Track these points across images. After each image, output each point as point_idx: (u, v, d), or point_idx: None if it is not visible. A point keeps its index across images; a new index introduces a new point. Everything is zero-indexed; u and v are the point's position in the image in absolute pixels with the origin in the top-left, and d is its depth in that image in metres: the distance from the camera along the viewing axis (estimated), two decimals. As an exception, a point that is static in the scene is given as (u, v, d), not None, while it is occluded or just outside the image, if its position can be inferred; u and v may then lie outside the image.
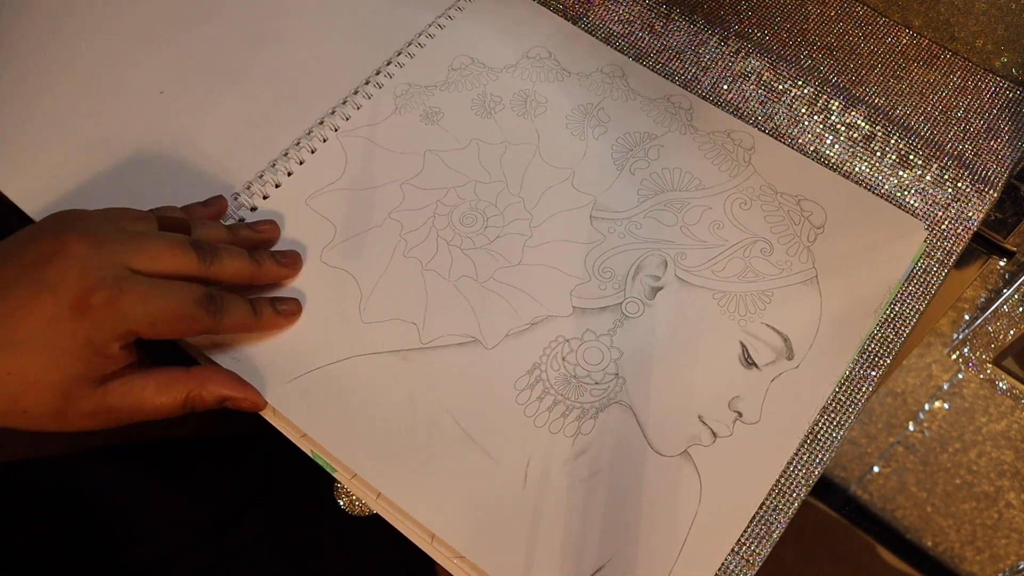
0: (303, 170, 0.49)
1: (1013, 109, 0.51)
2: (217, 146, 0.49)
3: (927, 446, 0.78)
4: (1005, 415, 0.70)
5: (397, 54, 0.53)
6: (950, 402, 0.73)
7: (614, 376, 0.43)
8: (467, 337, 0.44)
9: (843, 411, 0.43)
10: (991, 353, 0.61)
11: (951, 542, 0.83)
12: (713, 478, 0.41)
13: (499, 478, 0.41)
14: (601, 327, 0.45)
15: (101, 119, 0.49)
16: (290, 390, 0.42)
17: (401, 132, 0.50)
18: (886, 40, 0.53)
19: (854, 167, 0.50)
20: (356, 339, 0.44)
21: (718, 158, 0.50)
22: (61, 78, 0.51)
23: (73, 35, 0.52)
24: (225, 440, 0.59)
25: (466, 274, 0.46)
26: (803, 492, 0.42)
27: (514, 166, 0.49)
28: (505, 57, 0.54)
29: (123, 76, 0.51)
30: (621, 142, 0.51)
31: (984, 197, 0.49)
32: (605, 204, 0.48)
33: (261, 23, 0.54)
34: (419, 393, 0.43)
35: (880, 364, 0.45)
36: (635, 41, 0.54)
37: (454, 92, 0.52)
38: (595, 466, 0.41)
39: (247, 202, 0.47)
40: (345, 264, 0.46)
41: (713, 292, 0.46)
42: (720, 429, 0.42)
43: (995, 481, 0.76)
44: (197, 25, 0.53)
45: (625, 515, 0.40)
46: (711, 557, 0.40)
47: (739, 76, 0.53)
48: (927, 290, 0.47)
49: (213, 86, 0.51)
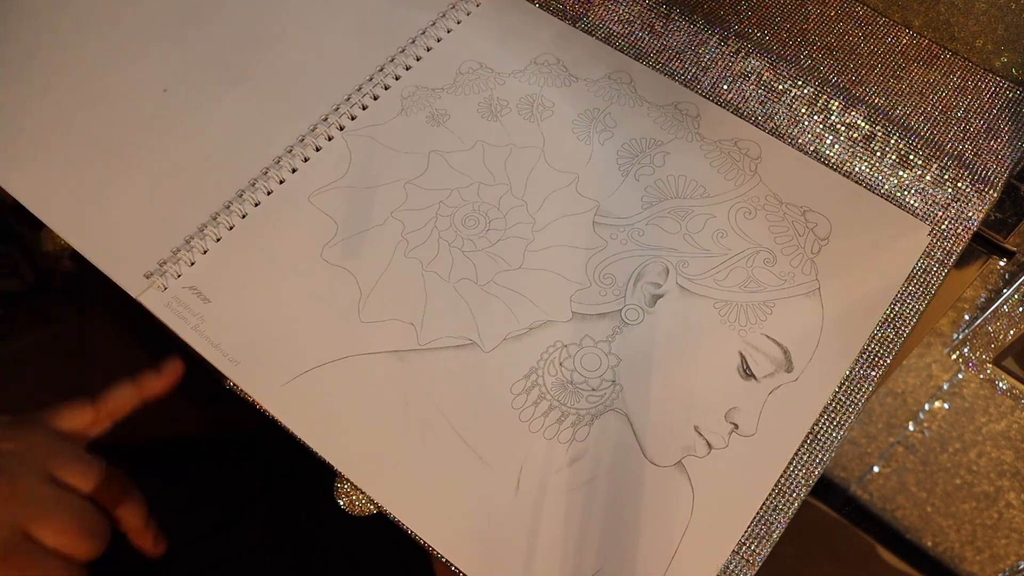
0: (307, 167, 0.49)
1: (1013, 109, 0.51)
2: (221, 143, 0.49)
3: (927, 446, 0.78)
4: (1005, 415, 0.70)
5: (400, 51, 0.53)
6: (950, 402, 0.73)
7: (611, 383, 0.43)
8: (465, 340, 0.44)
9: (843, 411, 0.43)
10: (991, 353, 0.61)
11: (951, 542, 0.83)
12: (706, 490, 0.41)
13: (491, 483, 0.41)
14: (600, 333, 0.45)
15: (105, 116, 0.50)
16: (286, 393, 0.42)
17: (406, 133, 0.50)
18: (886, 40, 0.53)
19: (854, 167, 0.50)
20: (354, 338, 0.44)
21: (724, 166, 0.50)
22: (65, 76, 0.51)
23: (77, 33, 0.52)
24: (225, 440, 0.60)
25: (466, 276, 0.46)
26: (803, 492, 0.42)
27: (518, 169, 0.49)
28: (513, 62, 0.53)
29: (127, 74, 0.51)
30: (627, 148, 0.51)
31: (984, 197, 0.49)
32: (608, 210, 0.48)
33: (264, 22, 0.54)
34: (414, 395, 0.43)
35: (880, 364, 0.44)
36: (635, 41, 0.54)
37: (461, 95, 0.52)
38: (589, 473, 0.41)
39: (251, 198, 0.47)
40: (345, 262, 0.46)
41: (714, 301, 0.46)
42: (715, 440, 0.42)
43: (995, 481, 0.76)
44: (201, 23, 0.53)
45: (617, 524, 0.40)
46: (702, 568, 0.40)
47: (739, 76, 0.53)
48: (927, 290, 0.46)
49: (217, 84, 0.51)
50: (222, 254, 0.46)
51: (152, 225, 0.47)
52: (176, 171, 0.48)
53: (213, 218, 0.47)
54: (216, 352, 0.43)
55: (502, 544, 0.40)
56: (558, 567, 0.39)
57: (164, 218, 0.47)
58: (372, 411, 0.42)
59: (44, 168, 0.48)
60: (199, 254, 0.46)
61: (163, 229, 0.46)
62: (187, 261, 0.45)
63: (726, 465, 0.42)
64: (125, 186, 0.47)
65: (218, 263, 0.46)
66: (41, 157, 0.48)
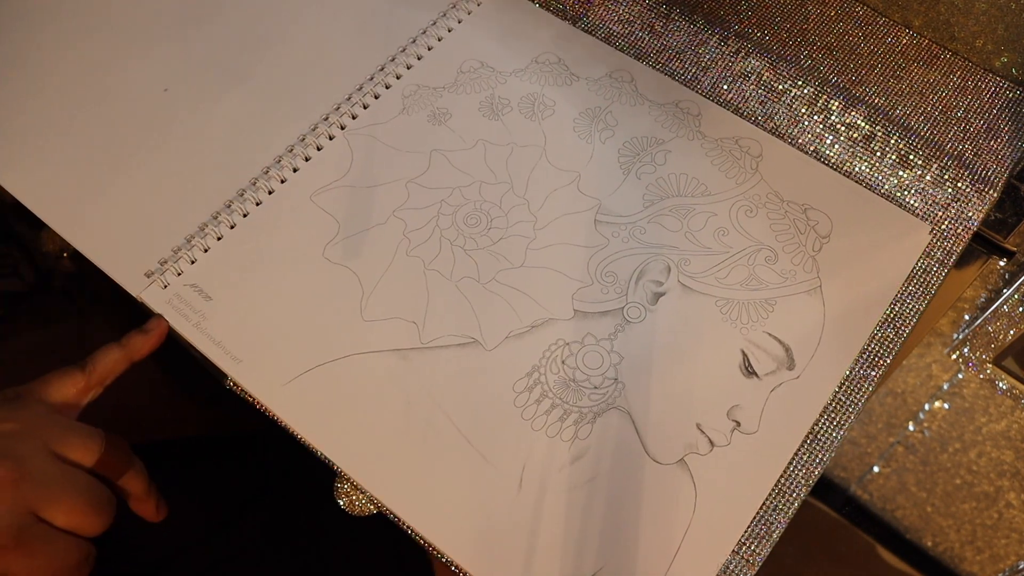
0: (309, 166, 0.49)
1: (1013, 109, 0.51)
2: (222, 142, 0.49)
3: (927, 446, 0.78)
4: (1005, 415, 0.70)
5: (401, 50, 0.53)
6: (950, 402, 0.73)
7: (613, 381, 0.43)
8: (467, 338, 0.44)
9: (843, 411, 0.43)
10: (991, 353, 0.61)
11: (951, 542, 0.83)
12: (709, 488, 0.41)
13: (494, 482, 0.41)
14: (602, 331, 0.45)
15: (106, 115, 0.50)
16: (288, 392, 0.42)
17: (408, 132, 0.50)
18: (886, 40, 0.53)
19: (854, 167, 0.50)
20: (356, 337, 0.44)
21: (725, 164, 0.50)
22: (66, 75, 0.51)
23: (79, 32, 0.53)
24: (225, 440, 0.60)
25: (468, 275, 0.46)
26: (803, 492, 0.42)
27: (520, 168, 0.49)
28: (514, 61, 0.54)
29: (128, 73, 0.51)
30: (628, 146, 0.51)
31: (984, 197, 0.49)
32: (610, 208, 0.48)
33: (265, 22, 0.54)
34: (416, 393, 0.43)
35: (880, 364, 0.45)
36: (635, 41, 0.54)
37: (462, 94, 0.52)
38: (591, 472, 0.41)
39: (252, 197, 0.47)
40: (347, 261, 0.46)
41: (716, 299, 0.46)
42: (718, 438, 0.42)
43: (995, 481, 0.76)
44: (201, 23, 0.53)
45: (619, 522, 0.40)
46: (704, 566, 0.40)
47: (739, 76, 0.53)
48: (927, 290, 0.47)
49: (217, 83, 0.51)
50: (224, 252, 0.46)
51: (153, 224, 0.47)
52: (177, 170, 0.48)
53: (214, 217, 0.47)
54: (218, 350, 0.43)
55: (503, 543, 0.40)
56: (559, 566, 0.39)
57: (165, 217, 0.47)
58: (374, 410, 0.42)
59: (45, 167, 0.48)
60: (200, 252, 0.46)
61: (164, 228, 0.46)
62: (188, 259, 0.45)
63: (728, 463, 0.42)
64: (126, 185, 0.48)
65: (220, 261, 0.46)
66: (42, 156, 0.48)
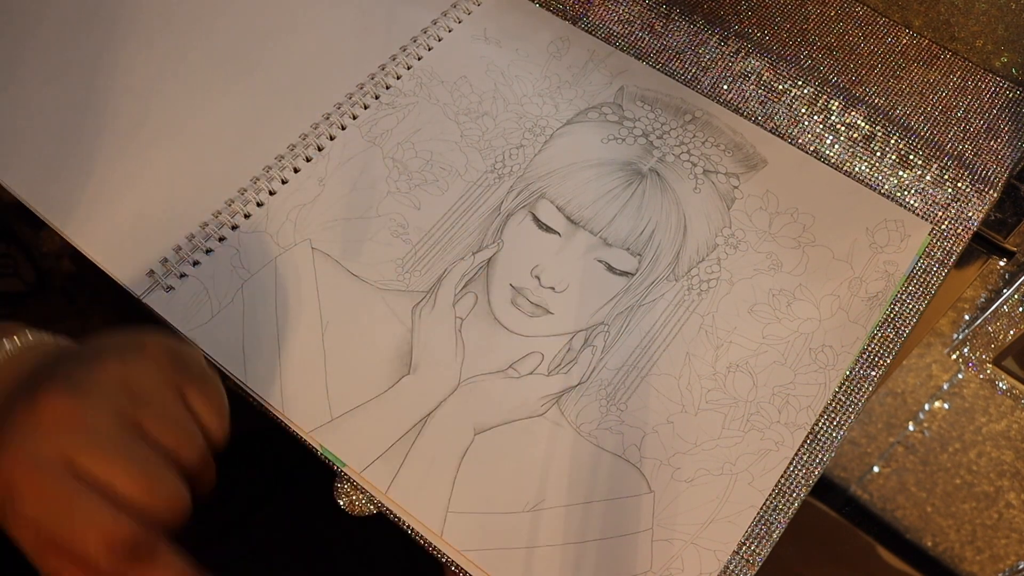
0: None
1: (1013, 109, 0.51)
2: (222, 142, 0.49)
3: (927, 446, 0.78)
4: (1005, 415, 0.70)
5: (402, 50, 0.53)
6: (950, 402, 0.73)
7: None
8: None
9: (843, 411, 0.43)
10: (991, 353, 0.61)
11: (951, 542, 0.83)
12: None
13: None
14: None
15: (107, 114, 0.50)
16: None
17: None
18: (886, 40, 0.53)
19: (854, 167, 0.50)
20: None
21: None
22: (66, 72, 0.51)
23: (79, 28, 0.52)
24: (228, 441, 0.60)
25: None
26: (803, 492, 0.42)
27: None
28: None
29: (128, 71, 0.51)
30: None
31: (984, 197, 0.49)
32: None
33: (264, 22, 0.54)
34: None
35: (880, 364, 0.45)
36: (635, 41, 0.54)
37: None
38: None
39: (253, 197, 0.47)
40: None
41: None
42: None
43: (995, 481, 0.76)
44: (201, 23, 0.53)
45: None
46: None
47: (739, 76, 0.53)
48: (927, 290, 0.47)
49: (218, 82, 0.51)
50: (225, 251, 0.46)
51: (154, 223, 0.47)
52: (178, 170, 0.48)
53: (215, 216, 0.47)
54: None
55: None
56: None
57: (166, 216, 0.47)
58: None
59: (45, 166, 0.48)
60: (202, 253, 0.46)
61: (165, 227, 0.46)
62: (190, 260, 0.45)
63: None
64: (126, 184, 0.48)
65: (222, 260, 0.46)
66: (42, 155, 0.48)
